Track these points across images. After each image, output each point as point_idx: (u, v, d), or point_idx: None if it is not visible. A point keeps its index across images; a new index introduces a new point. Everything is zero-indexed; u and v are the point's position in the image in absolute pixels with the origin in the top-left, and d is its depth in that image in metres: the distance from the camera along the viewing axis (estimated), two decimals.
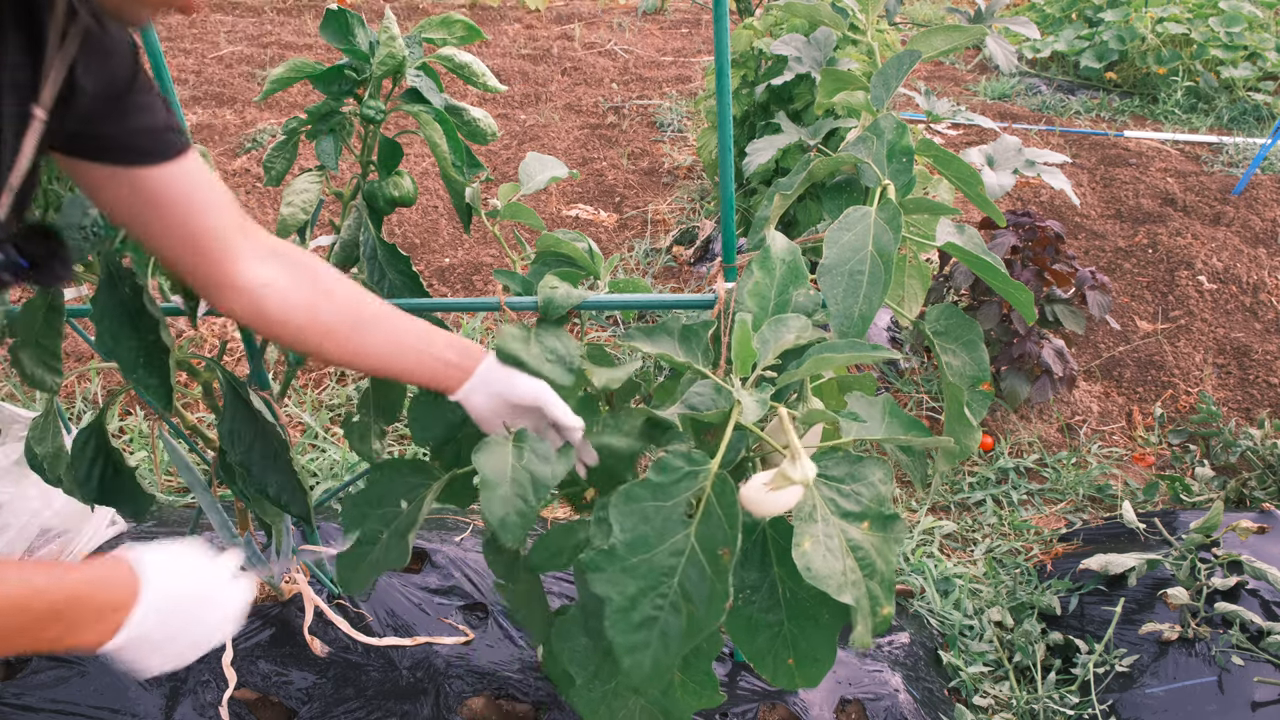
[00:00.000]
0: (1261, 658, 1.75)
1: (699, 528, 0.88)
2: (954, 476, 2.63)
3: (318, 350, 1.09)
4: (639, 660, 0.87)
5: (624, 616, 0.87)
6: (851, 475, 0.91)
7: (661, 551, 0.88)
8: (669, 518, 0.88)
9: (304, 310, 1.06)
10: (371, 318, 1.10)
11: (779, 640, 0.94)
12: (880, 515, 0.88)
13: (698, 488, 0.89)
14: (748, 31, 3.02)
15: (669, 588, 0.87)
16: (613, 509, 0.88)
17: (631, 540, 0.87)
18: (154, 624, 0.81)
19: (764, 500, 0.89)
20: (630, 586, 0.87)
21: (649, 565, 0.87)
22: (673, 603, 0.87)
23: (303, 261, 1.09)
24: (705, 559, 0.87)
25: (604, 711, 1.11)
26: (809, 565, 0.82)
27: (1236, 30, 5.74)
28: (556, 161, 1.51)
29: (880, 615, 0.85)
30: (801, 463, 0.89)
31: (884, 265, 1.04)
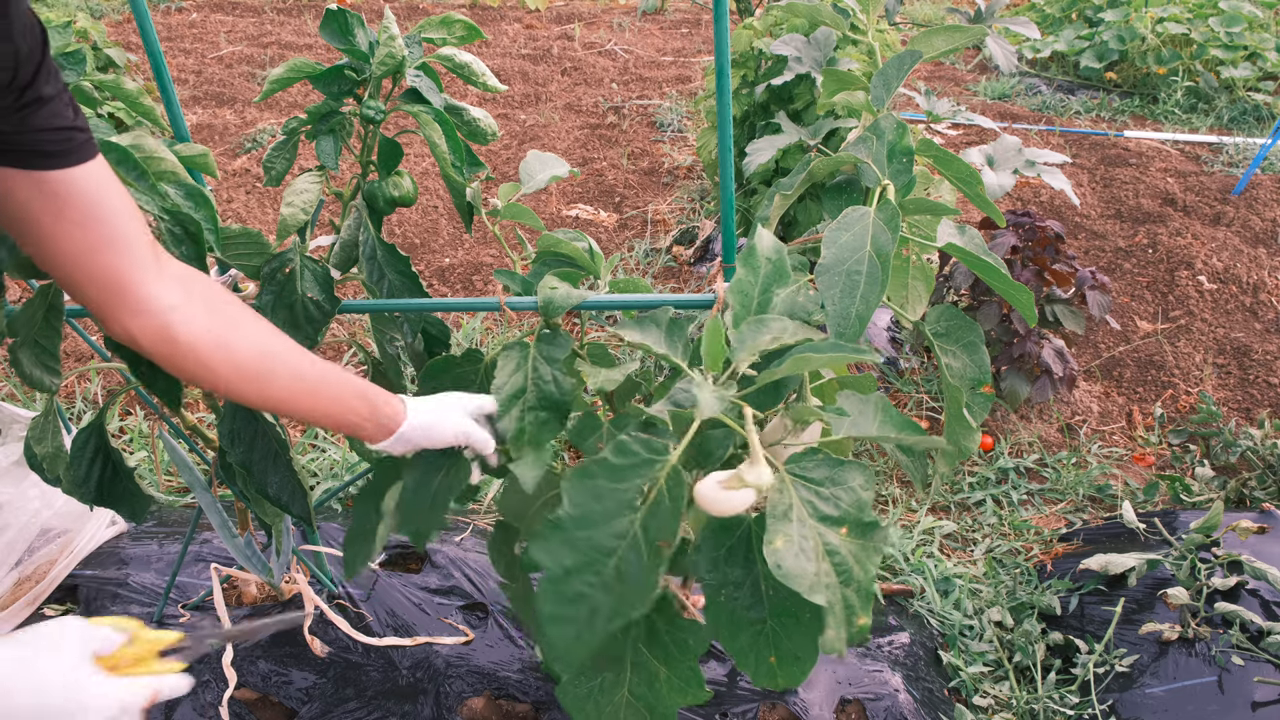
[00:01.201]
0: (1261, 658, 1.75)
1: (646, 515, 0.89)
2: (954, 476, 2.63)
3: (224, 386, 1.01)
4: (563, 632, 0.88)
5: (556, 587, 0.88)
6: (831, 479, 0.90)
7: (605, 531, 0.89)
8: (619, 500, 0.89)
9: (211, 340, 0.98)
10: (280, 359, 1.04)
11: (761, 638, 0.94)
12: (860, 521, 0.88)
13: (652, 476, 0.90)
14: (748, 31, 3.02)
15: (605, 567, 0.88)
16: (566, 482, 0.89)
17: (579, 515, 0.89)
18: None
19: (717, 499, 0.89)
20: (569, 559, 0.88)
21: (590, 542, 0.88)
22: (605, 582, 0.88)
23: (212, 290, 1.02)
24: (645, 547, 0.88)
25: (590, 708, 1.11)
26: (779, 563, 0.82)
27: (1236, 30, 5.74)
28: (557, 160, 1.51)
29: (856, 625, 0.84)
30: (758, 466, 0.89)
31: (882, 265, 1.04)
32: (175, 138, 1.39)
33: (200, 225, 1.21)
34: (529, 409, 1.23)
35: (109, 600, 1.97)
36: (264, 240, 1.37)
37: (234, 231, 1.33)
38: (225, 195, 4.25)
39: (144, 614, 1.92)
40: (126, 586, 2.00)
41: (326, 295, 1.35)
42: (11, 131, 0.85)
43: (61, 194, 0.88)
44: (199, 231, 1.21)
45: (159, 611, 1.91)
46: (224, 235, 1.30)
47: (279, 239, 1.38)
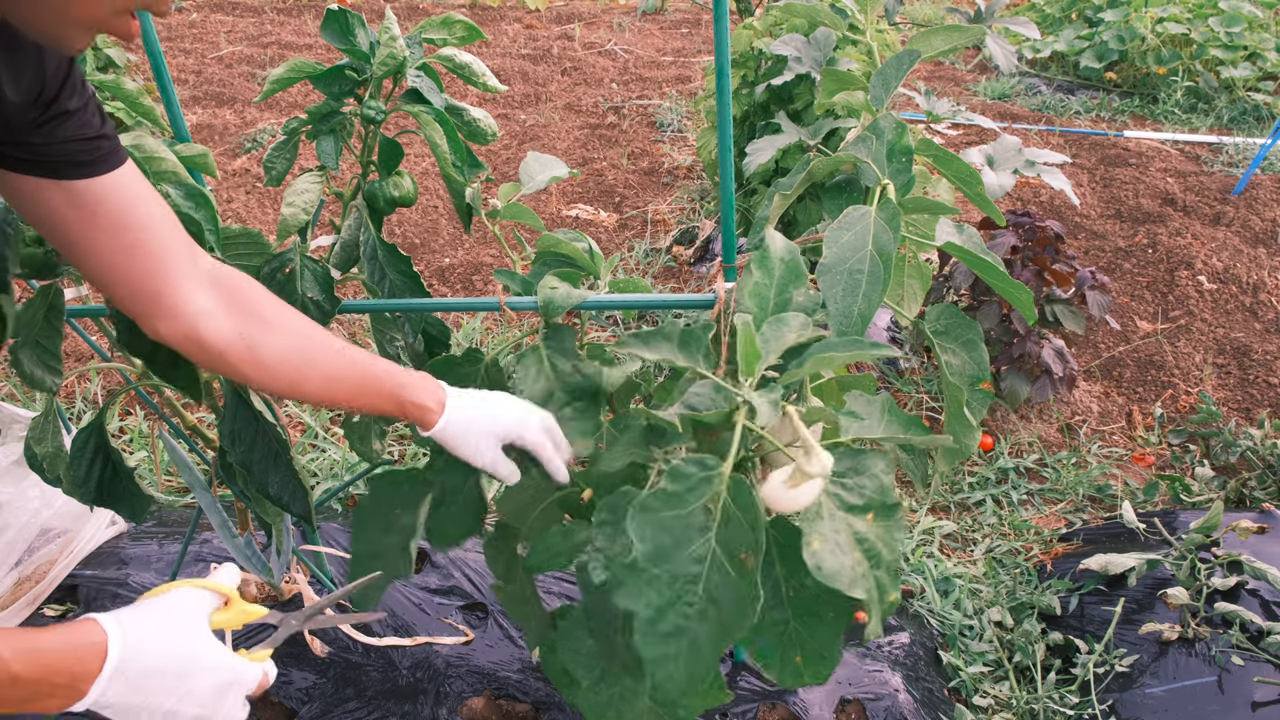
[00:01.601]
0: (1261, 658, 1.75)
1: (719, 532, 0.87)
2: (954, 476, 2.63)
3: (256, 385, 1.05)
4: (671, 671, 0.85)
5: (652, 628, 0.85)
6: (855, 469, 0.91)
7: (682, 559, 0.86)
8: (687, 525, 0.87)
9: (242, 344, 1.00)
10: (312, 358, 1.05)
11: (786, 639, 0.94)
12: (884, 505, 0.89)
13: (713, 492, 0.88)
14: (748, 31, 3.02)
15: (695, 595, 0.86)
16: (630, 522, 0.87)
17: (652, 551, 0.86)
18: (119, 692, 0.79)
19: (785, 497, 0.89)
20: (655, 598, 0.85)
21: (672, 574, 0.86)
22: (700, 610, 0.86)
23: (247, 289, 1.04)
24: (728, 563, 0.86)
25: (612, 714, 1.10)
26: (820, 564, 0.82)
27: (1236, 30, 5.74)
28: (557, 161, 1.51)
29: (888, 602, 0.86)
30: (818, 457, 0.89)
31: (883, 264, 1.04)
32: (175, 138, 1.39)
33: (201, 225, 1.21)
34: (563, 405, 1.22)
35: (109, 600, 1.97)
36: (264, 240, 1.37)
37: (234, 231, 1.33)
38: (225, 195, 4.25)
39: None
40: (126, 586, 2.00)
41: (327, 295, 1.35)
42: (40, 143, 0.87)
43: (90, 202, 0.90)
44: (200, 231, 1.21)
45: None
46: (224, 235, 1.30)
47: (279, 239, 1.38)
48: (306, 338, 1.07)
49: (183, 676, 0.82)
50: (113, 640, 0.79)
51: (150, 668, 0.80)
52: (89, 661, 0.77)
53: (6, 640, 0.75)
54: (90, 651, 0.78)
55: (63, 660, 0.77)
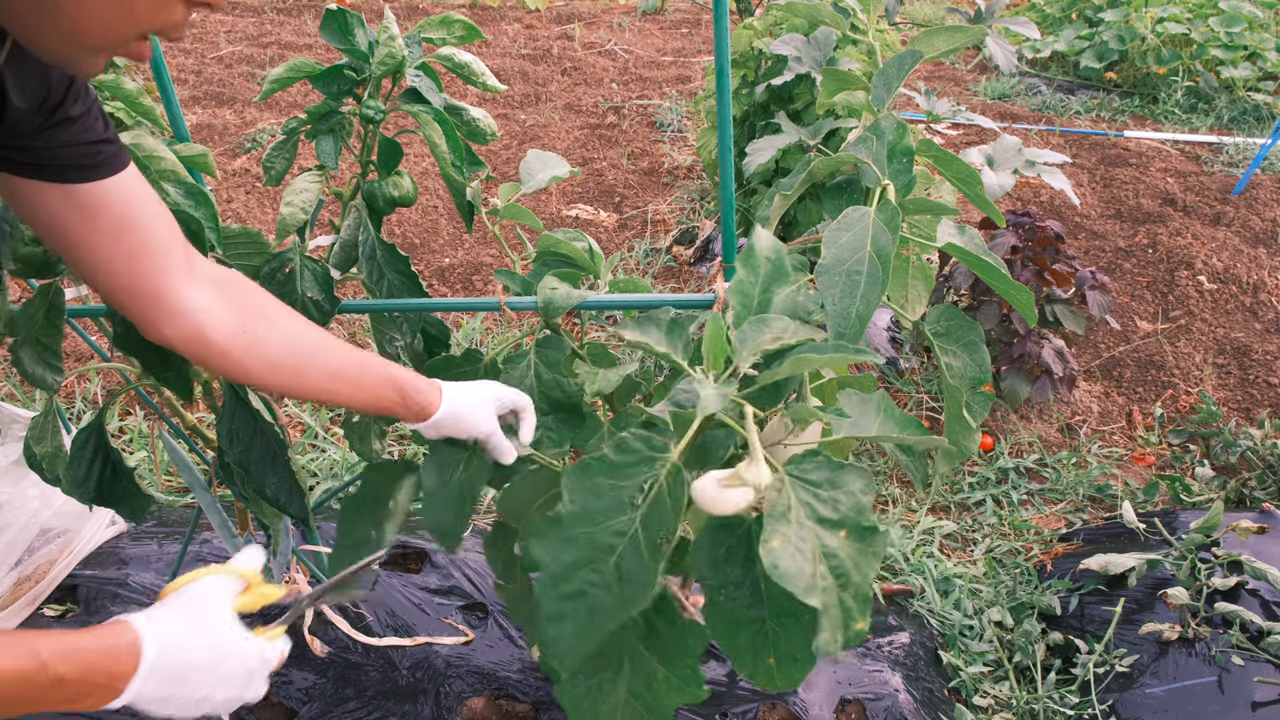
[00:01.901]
0: (1261, 658, 1.75)
1: (646, 513, 0.88)
2: (954, 476, 2.63)
3: (260, 382, 1.05)
4: (561, 630, 0.87)
5: (555, 585, 0.87)
6: (831, 481, 0.90)
7: (605, 529, 0.88)
8: (619, 498, 0.89)
9: (245, 339, 1.02)
10: (314, 353, 1.07)
11: (760, 638, 0.93)
12: (859, 525, 0.87)
13: (652, 474, 0.90)
14: (748, 31, 3.02)
15: (605, 565, 0.87)
16: (566, 478, 0.89)
17: (579, 512, 0.88)
18: (155, 687, 0.82)
19: (715, 497, 0.89)
20: (568, 556, 0.87)
21: (590, 540, 0.88)
22: (606, 581, 0.87)
23: (245, 289, 1.05)
24: (645, 545, 0.87)
25: (588, 707, 1.11)
26: (776, 563, 0.81)
27: (1236, 30, 5.74)
28: (558, 159, 1.51)
29: (853, 630, 0.82)
30: (756, 466, 0.89)
31: (882, 265, 1.04)
32: (175, 137, 1.39)
33: (201, 224, 1.21)
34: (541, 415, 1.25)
35: (109, 600, 1.97)
36: (264, 240, 1.37)
37: (234, 231, 1.33)
38: (225, 195, 4.25)
39: None
40: (126, 586, 2.00)
41: (326, 295, 1.35)
42: (43, 148, 0.87)
43: (92, 205, 0.91)
44: (200, 231, 1.21)
45: None
46: (224, 235, 1.30)
47: (279, 239, 1.38)
48: (307, 333, 1.08)
49: (215, 666, 0.87)
50: (146, 640, 0.82)
51: (183, 662, 0.84)
52: (125, 662, 0.81)
53: (47, 643, 0.77)
54: (127, 652, 0.81)
55: (101, 660, 0.80)
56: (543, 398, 1.27)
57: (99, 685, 0.79)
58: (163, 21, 0.75)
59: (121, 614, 0.85)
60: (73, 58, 0.75)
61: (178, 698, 0.84)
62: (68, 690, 0.78)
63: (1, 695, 0.75)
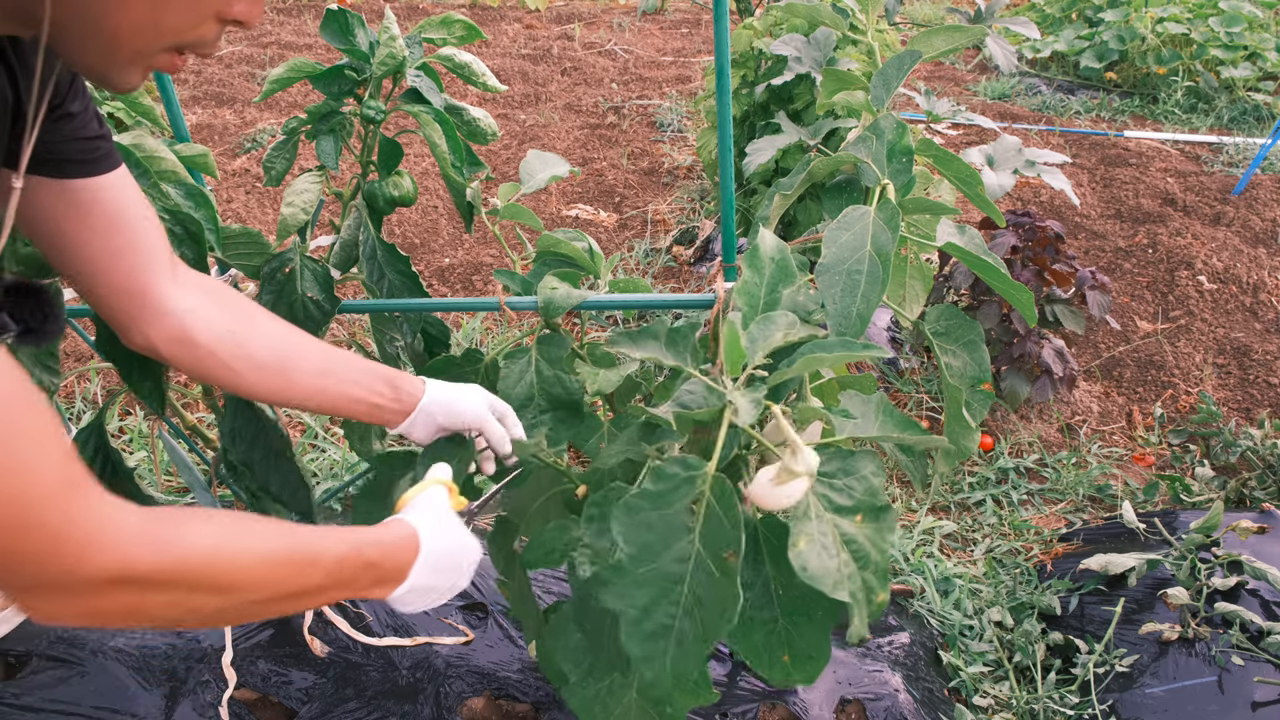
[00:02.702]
0: (1261, 658, 1.75)
1: (702, 532, 0.88)
2: (954, 476, 2.63)
3: (247, 385, 1.04)
4: (658, 669, 0.86)
5: (638, 628, 0.86)
6: (844, 470, 0.91)
7: (668, 559, 0.87)
8: (671, 524, 0.88)
9: (231, 340, 1.01)
10: (300, 352, 1.06)
11: (774, 637, 0.94)
12: (872, 507, 0.88)
13: (696, 492, 0.89)
14: (748, 31, 3.02)
15: (679, 594, 0.87)
16: (615, 522, 0.87)
17: (637, 552, 0.87)
18: (424, 577, 0.94)
19: (771, 494, 0.89)
20: (641, 597, 0.86)
21: (657, 574, 0.87)
22: (685, 609, 0.86)
23: (228, 293, 1.05)
24: (711, 562, 0.87)
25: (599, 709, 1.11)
26: (805, 565, 0.82)
27: (1236, 30, 5.74)
28: (558, 159, 1.51)
29: (875, 602, 0.85)
30: (803, 455, 0.89)
31: (882, 265, 1.04)
32: (175, 137, 1.39)
33: (201, 225, 1.21)
34: (541, 412, 1.24)
35: None
36: (264, 240, 1.37)
37: (234, 231, 1.33)
38: (225, 195, 4.25)
39: None
40: None
41: (326, 295, 1.35)
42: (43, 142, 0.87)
43: (86, 202, 0.91)
44: (200, 231, 1.21)
45: None
46: (224, 235, 1.30)
47: (279, 239, 1.38)
48: (291, 335, 1.08)
49: (459, 557, 0.99)
50: (420, 532, 0.94)
51: (443, 553, 0.96)
52: (410, 550, 0.93)
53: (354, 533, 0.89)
54: (409, 542, 0.93)
55: (395, 548, 0.92)
56: (543, 394, 1.26)
57: (390, 570, 0.91)
58: (196, 38, 0.76)
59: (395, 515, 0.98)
60: (109, 72, 0.77)
61: (436, 588, 0.96)
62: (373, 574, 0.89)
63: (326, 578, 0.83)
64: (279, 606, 0.82)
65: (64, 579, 0.65)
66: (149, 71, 0.79)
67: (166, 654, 1.80)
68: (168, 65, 0.78)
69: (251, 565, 0.77)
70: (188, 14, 0.74)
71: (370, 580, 0.89)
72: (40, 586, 0.66)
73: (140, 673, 1.76)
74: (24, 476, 0.61)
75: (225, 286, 1.06)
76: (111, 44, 0.73)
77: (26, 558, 0.63)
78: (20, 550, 0.63)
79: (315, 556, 0.83)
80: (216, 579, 0.74)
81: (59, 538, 0.64)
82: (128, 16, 0.71)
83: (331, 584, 0.85)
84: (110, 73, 0.77)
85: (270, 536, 0.80)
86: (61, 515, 0.64)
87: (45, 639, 1.84)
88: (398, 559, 0.92)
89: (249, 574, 0.77)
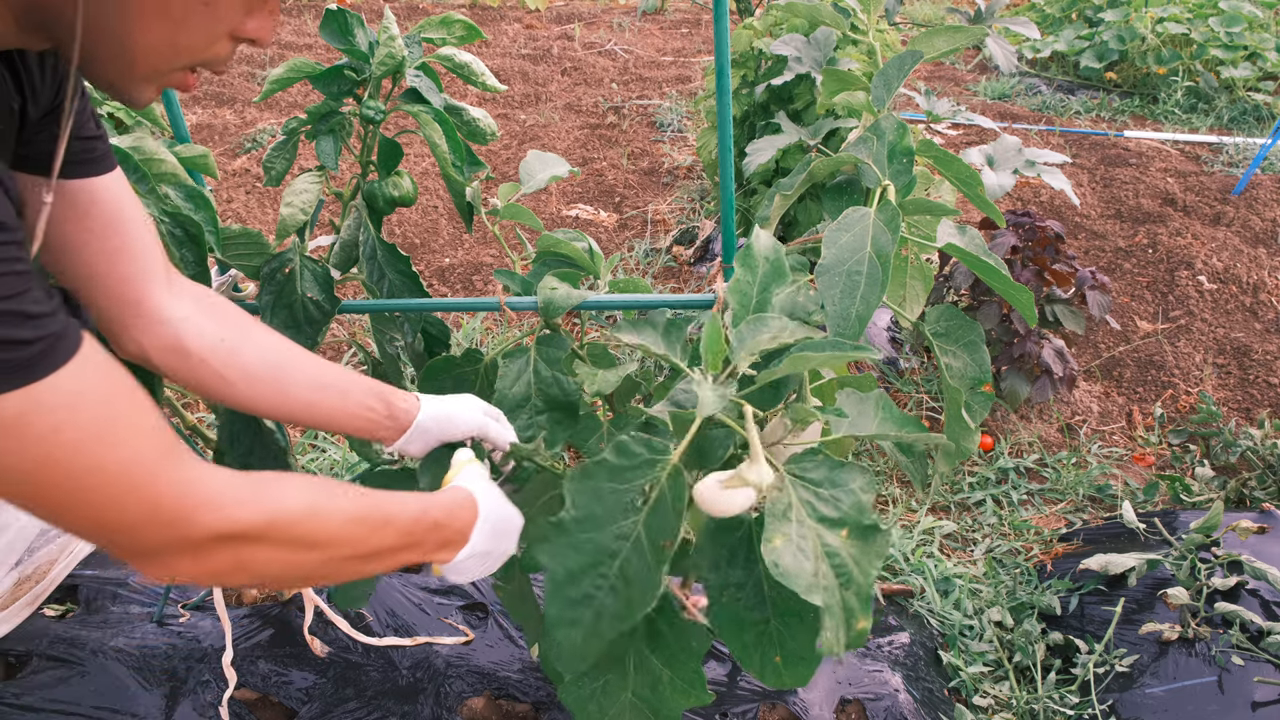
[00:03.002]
0: (1261, 658, 1.75)
1: (649, 516, 0.89)
2: (954, 476, 2.63)
3: (241, 396, 1.03)
4: (570, 635, 0.88)
5: (562, 590, 0.88)
6: (831, 480, 0.90)
7: (608, 533, 0.89)
8: (621, 501, 0.89)
9: (224, 349, 1.00)
10: (295, 364, 1.05)
11: (765, 638, 0.93)
12: (860, 524, 0.87)
13: (653, 476, 0.90)
14: (748, 31, 3.02)
15: (610, 569, 0.88)
16: (568, 483, 0.89)
17: (582, 517, 0.89)
18: (482, 540, 0.97)
19: (717, 498, 0.89)
20: (573, 561, 0.88)
21: (595, 544, 0.88)
22: (612, 584, 0.88)
23: (221, 303, 1.05)
24: (649, 547, 0.88)
25: (593, 708, 1.11)
26: (777, 561, 0.82)
27: (1236, 30, 5.74)
28: (558, 159, 1.51)
29: (855, 629, 0.82)
30: (758, 466, 0.89)
31: (882, 266, 1.04)
32: (175, 138, 1.39)
33: (201, 226, 1.21)
34: (537, 413, 1.24)
35: (109, 600, 1.97)
36: (264, 240, 1.37)
37: (234, 232, 1.33)
38: (225, 195, 4.25)
39: (144, 614, 1.92)
40: (126, 586, 2.00)
41: (326, 295, 1.35)
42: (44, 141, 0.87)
43: (83, 202, 0.91)
44: (199, 232, 1.21)
45: (159, 611, 1.91)
46: (224, 236, 1.30)
47: (279, 239, 1.38)
48: (285, 346, 1.07)
49: (511, 521, 1.03)
50: (479, 498, 0.99)
51: (498, 518, 1.00)
52: (470, 514, 0.97)
53: (420, 496, 0.93)
54: (470, 507, 0.98)
55: (458, 510, 0.96)
56: (540, 395, 1.26)
57: (453, 532, 0.95)
58: (211, 56, 0.77)
59: None
60: (125, 87, 0.78)
61: (491, 553, 1.00)
62: (439, 535, 0.93)
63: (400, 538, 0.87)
64: (359, 566, 0.86)
65: (175, 541, 0.71)
66: (163, 88, 0.79)
67: (166, 654, 1.80)
68: (181, 83, 0.79)
69: (339, 523, 0.82)
70: (204, 33, 0.74)
71: (436, 542, 0.93)
72: (155, 550, 0.71)
73: (140, 673, 1.76)
74: (127, 450, 0.67)
75: (219, 296, 1.05)
76: (130, 62, 0.74)
77: (138, 524, 0.69)
78: (131, 518, 0.69)
79: (390, 517, 0.87)
80: (308, 535, 0.79)
81: (165, 502, 0.69)
82: (146, 36, 0.72)
83: (404, 544, 0.89)
84: (126, 88, 0.78)
85: (352, 498, 0.85)
86: (166, 482, 0.70)
87: (45, 639, 1.84)
88: (460, 520, 0.96)
89: (336, 531, 0.82)
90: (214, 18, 0.74)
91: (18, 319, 0.62)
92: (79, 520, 0.68)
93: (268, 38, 0.79)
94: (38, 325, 0.63)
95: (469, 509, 0.98)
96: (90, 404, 0.65)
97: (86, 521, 0.68)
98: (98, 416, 0.66)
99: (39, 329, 0.63)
